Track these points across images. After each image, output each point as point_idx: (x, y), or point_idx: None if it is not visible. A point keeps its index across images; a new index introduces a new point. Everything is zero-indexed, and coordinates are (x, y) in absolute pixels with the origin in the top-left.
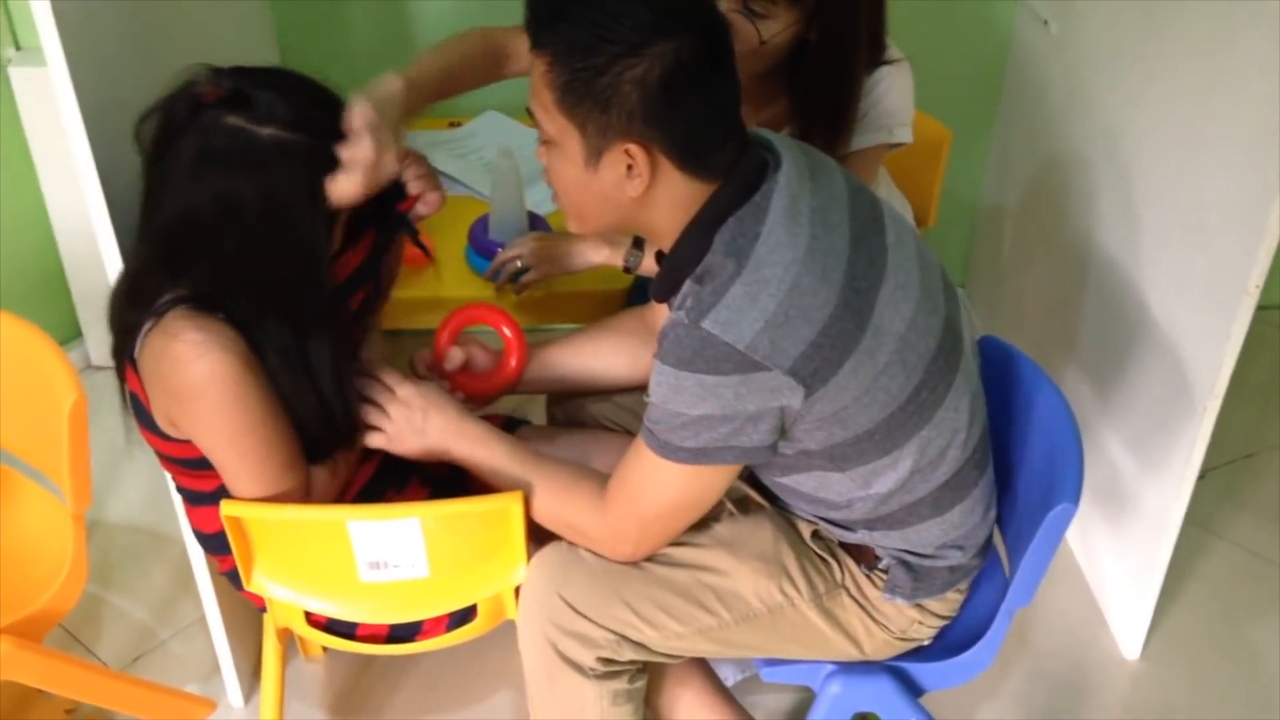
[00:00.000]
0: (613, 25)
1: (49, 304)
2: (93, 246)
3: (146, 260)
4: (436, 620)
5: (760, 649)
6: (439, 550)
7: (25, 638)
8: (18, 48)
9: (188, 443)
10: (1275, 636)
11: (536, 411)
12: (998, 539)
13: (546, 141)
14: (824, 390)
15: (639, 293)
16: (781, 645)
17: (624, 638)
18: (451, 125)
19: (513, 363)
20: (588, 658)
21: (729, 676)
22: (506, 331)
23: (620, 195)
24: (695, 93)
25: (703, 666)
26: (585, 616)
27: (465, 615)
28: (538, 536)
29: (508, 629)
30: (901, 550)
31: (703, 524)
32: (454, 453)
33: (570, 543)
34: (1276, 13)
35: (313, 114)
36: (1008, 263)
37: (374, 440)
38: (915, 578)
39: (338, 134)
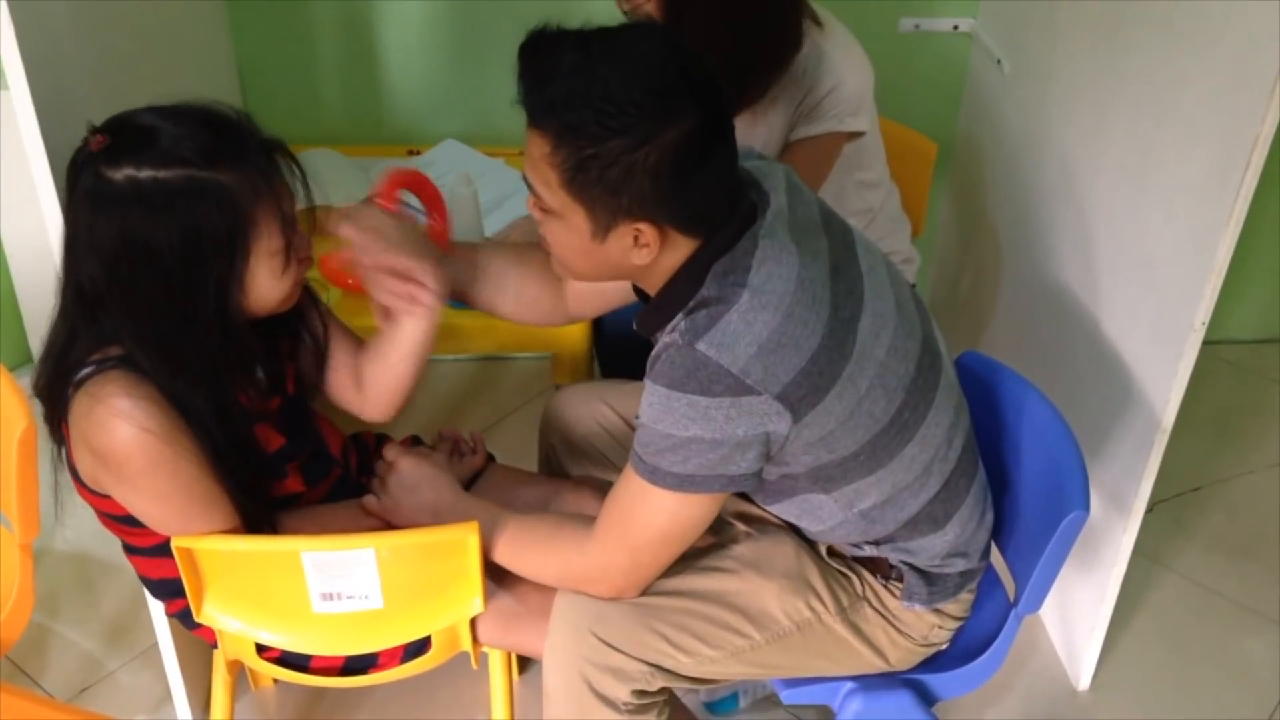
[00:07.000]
0: (619, 113)
1: None
2: (45, 271)
3: (68, 333)
4: (391, 652)
5: (790, 668)
6: (394, 581)
7: None
8: None
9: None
10: (1222, 667)
11: (498, 446)
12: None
13: (546, 210)
14: (810, 416)
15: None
16: (811, 662)
17: (658, 667)
18: (411, 153)
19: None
20: (622, 692)
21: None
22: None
23: (625, 262)
24: (705, 168)
25: None
26: (619, 650)
27: (420, 647)
28: (493, 574)
29: (461, 661)
30: (909, 564)
31: (723, 547)
32: (440, 509)
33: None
34: (1223, 54)
35: (187, 146)
36: (960, 297)
37: (371, 504)
38: (929, 582)
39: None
